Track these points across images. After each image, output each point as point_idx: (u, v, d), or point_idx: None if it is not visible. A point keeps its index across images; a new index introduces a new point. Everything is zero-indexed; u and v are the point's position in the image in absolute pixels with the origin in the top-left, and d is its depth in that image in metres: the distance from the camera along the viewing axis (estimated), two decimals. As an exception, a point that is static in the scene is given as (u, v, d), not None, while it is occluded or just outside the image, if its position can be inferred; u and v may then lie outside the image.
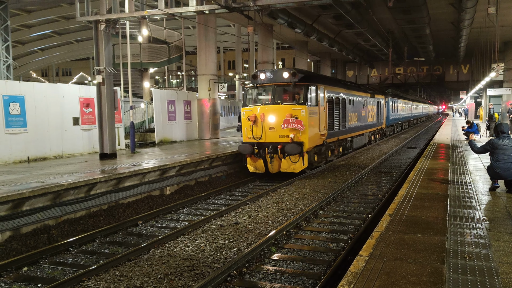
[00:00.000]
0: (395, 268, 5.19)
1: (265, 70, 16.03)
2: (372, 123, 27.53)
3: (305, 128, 15.04)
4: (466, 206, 8.34)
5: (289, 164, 15.38)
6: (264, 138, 15.54)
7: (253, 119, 15.45)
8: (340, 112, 19.32)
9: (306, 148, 15.27)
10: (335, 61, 51.88)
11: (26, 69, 62.26)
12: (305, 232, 9.48)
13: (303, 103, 15.27)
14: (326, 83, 17.89)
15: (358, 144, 23.68)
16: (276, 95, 15.74)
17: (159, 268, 7.31)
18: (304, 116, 15.03)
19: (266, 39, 30.89)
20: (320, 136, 16.56)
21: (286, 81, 15.49)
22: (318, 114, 16.24)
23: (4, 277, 7.31)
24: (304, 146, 15.13)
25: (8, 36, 21.44)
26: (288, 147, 14.79)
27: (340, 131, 19.54)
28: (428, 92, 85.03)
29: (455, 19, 28.91)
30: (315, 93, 16.01)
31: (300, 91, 15.58)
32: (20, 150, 15.07)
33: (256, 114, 15.56)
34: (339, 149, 20.16)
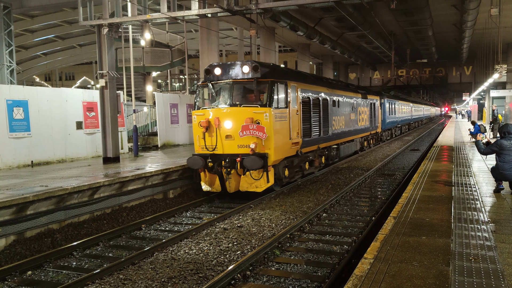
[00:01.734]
0: (400, 270, 5.17)
1: (221, 64, 13.10)
2: (365, 127, 24.62)
3: (270, 136, 12.15)
4: (471, 208, 8.31)
5: (250, 182, 12.52)
6: (219, 149, 12.64)
7: (206, 125, 12.56)
8: (320, 116, 16.44)
9: (271, 161, 12.31)
10: (338, 64, 51.83)
11: (29, 74, 62.47)
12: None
13: (268, 105, 12.26)
14: (300, 80, 14.84)
15: (346, 152, 20.69)
16: (234, 94, 12.71)
17: (163, 272, 7.30)
18: (268, 121, 12.11)
19: (268, 42, 30.93)
20: (291, 145, 13.57)
21: (247, 77, 12.53)
22: (289, 118, 13.27)
23: (8, 281, 7.31)
24: (268, 159, 12.17)
25: (12, 41, 21.54)
26: (247, 161, 11.81)
27: (321, 138, 16.61)
28: (431, 94, 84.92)
29: (457, 21, 28.88)
30: (283, 92, 13.01)
31: (263, 90, 12.67)
32: (24, 154, 15.10)
33: (209, 119, 12.63)
34: (321, 159, 17.16)
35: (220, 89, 13.09)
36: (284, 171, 13.63)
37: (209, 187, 13.18)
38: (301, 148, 14.43)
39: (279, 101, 12.77)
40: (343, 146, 20.00)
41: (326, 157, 17.81)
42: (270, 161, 12.26)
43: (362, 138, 24.66)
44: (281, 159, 13.08)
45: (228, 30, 42.14)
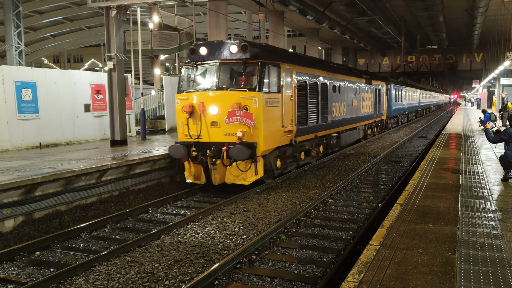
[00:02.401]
0: (406, 257, 5.17)
1: (207, 43, 12.15)
2: (368, 114, 23.43)
3: (259, 124, 11.16)
4: (478, 196, 8.27)
5: (237, 173, 11.55)
6: (204, 137, 11.63)
7: (189, 111, 11.54)
8: (318, 102, 15.36)
9: (260, 151, 11.33)
10: (347, 49, 51.40)
11: (37, 55, 62.56)
12: None
13: (257, 89, 11.19)
14: (295, 62, 13.73)
15: (348, 140, 19.63)
16: (220, 77, 11.60)
17: (169, 255, 7.36)
18: (257, 107, 11.08)
19: (277, 26, 30.66)
20: (284, 134, 12.55)
21: (235, 58, 11.49)
22: (281, 104, 12.21)
23: (17, 261, 7.42)
24: (257, 148, 11.20)
25: (20, 22, 21.52)
26: (233, 150, 10.83)
27: (318, 126, 15.49)
28: (440, 81, 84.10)
29: (469, 7, 28.44)
30: (276, 75, 11.93)
31: (253, 72, 11.48)
32: (32, 136, 15.20)
33: (193, 103, 11.58)
34: (319, 148, 16.13)
35: (206, 70, 11.96)
36: (276, 162, 12.65)
37: (193, 178, 12.25)
38: (295, 136, 13.37)
39: (270, 85, 11.67)
40: (344, 134, 18.91)
41: (325, 146, 16.91)
42: (259, 151, 11.27)
43: (366, 126, 23.54)
44: (272, 149, 12.12)
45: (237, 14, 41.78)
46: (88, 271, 6.77)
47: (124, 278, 6.44)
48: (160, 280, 6.37)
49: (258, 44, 12.60)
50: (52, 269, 7.03)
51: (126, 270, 6.73)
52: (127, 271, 6.70)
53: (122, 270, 6.73)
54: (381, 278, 4.58)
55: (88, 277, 6.55)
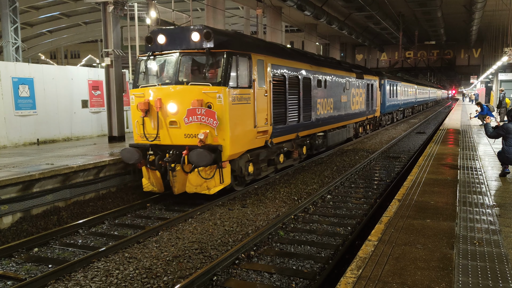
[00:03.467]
0: (404, 253, 5.18)
1: (165, 29, 10.70)
2: (359, 111, 21.98)
3: (224, 124, 9.71)
4: (476, 191, 8.29)
5: (199, 182, 10.03)
6: (162, 139, 10.25)
7: (145, 108, 10.17)
8: (300, 98, 13.98)
9: (227, 155, 9.89)
10: (345, 45, 51.30)
11: (34, 51, 62.31)
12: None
13: (222, 83, 9.75)
14: (271, 53, 12.19)
15: (336, 139, 18.24)
16: (180, 69, 10.23)
17: (168, 251, 7.36)
18: (222, 104, 9.65)
19: (275, 21, 30.58)
20: (257, 135, 11.14)
21: (197, 47, 10.03)
22: (253, 101, 10.77)
23: (15, 258, 7.41)
24: (222, 152, 9.81)
25: (17, 18, 21.40)
26: (193, 155, 9.42)
27: (300, 125, 14.12)
28: (438, 77, 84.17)
29: (467, 2, 28.41)
30: (246, 67, 10.55)
31: (218, 64, 10.08)
32: (30, 132, 15.16)
33: (150, 100, 10.24)
34: (301, 149, 14.79)
35: (164, 62, 10.58)
36: (248, 167, 11.24)
37: (151, 186, 10.78)
38: (271, 137, 11.97)
39: (239, 79, 10.24)
40: (331, 133, 17.59)
41: (308, 147, 15.59)
42: (225, 155, 9.85)
43: (357, 124, 22.27)
44: (241, 152, 10.63)
45: (234, 9, 41.67)
46: (87, 267, 6.77)
47: (123, 274, 6.44)
48: (159, 276, 6.38)
49: (224, 32, 11.22)
50: (50, 265, 7.03)
51: (124, 266, 6.74)
52: (125, 267, 6.70)
53: (121, 266, 6.74)
54: (380, 274, 4.59)
55: (86, 273, 6.55)
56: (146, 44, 10.70)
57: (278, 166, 13.19)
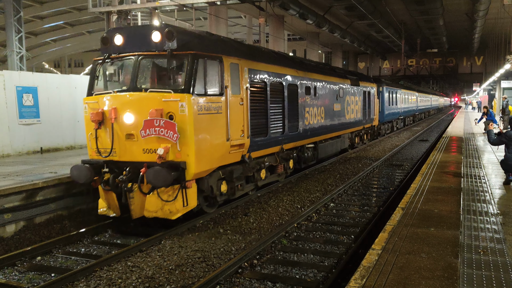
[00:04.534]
0: (408, 262, 5.16)
1: (123, 29, 9.49)
2: (355, 121, 20.60)
3: (188, 137, 8.39)
4: (480, 200, 8.26)
5: (159, 204, 8.60)
6: (118, 154, 8.86)
7: (98, 119, 8.85)
8: (284, 107, 12.64)
9: (192, 174, 8.49)
10: (347, 53, 51.53)
11: (38, 60, 62.74)
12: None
13: (186, 90, 8.45)
14: (248, 56, 10.84)
15: (328, 151, 16.95)
16: (139, 74, 8.91)
17: (171, 259, 7.34)
18: (185, 115, 8.33)
19: (277, 30, 30.74)
20: (230, 149, 9.74)
21: (158, 49, 8.72)
22: (225, 110, 9.43)
23: (18, 266, 7.40)
24: (186, 170, 8.42)
25: (21, 27, 21.59)
26: (150, 174, 8.08)
27: (285, 136, 12.76)
28: (440, 84, 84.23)
29: (469, 10, 28.50)
30: (216, 72, 9.26)
31: (182, 68, 8.79)
32: (34, 141, 15.21)
33: (104, 109, 8.90)
34: (287, 163, 13.29)
35: (122, 66, 9.33)
36: (220, 186, 9.81)
37: (107, 208, 9.32)
38: (249, 151, 10.66)
39: (207, 85, 8.93)
40: (323, 144, 16.29)
41: (296, 160, 14.17)
42: (189, 173, 8.46)
43: (353, 134, 20.86)
44: (211, 169, 9.24)
45: (236, 18, 41.91)
46: (90, 276, 6.75)
47: (126, 283, 6.43)
48: (162, 285, 6.36)
49: (190, 31, 9.88)
50: (53, 274, 7.02)
51: (127, 275, 6.72)
52: (128, 276, 6.68)
53: (124, 275, 6.72)
54: (384, 283, 4.57)
55: (89, 282, 6.53)
56: (102, 46, 9.30)
57: (259, 183, 11.69)
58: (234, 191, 10.32)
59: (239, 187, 10.57)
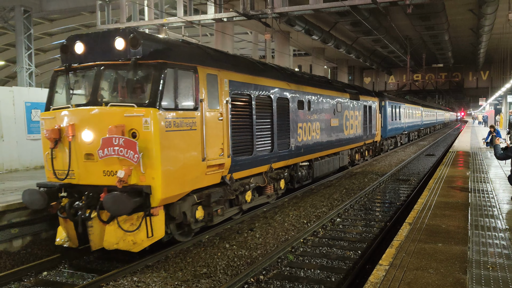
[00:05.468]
0: (416, 278, 5.11)
1: (84, 36, 8.32)
2: (355, 137, 19.62)
3: (153, 157, 7.39)
4: (488, 215, 8.19)
5: (121, 235, 7.59)
6: (77, 176, 7.91)
7: (54, 137, 7.96)
8: (273, 122, 11.67)
9: (158, 199, 7.50)
10: (352, 68, 51.69)
11: (47, 76, 63.41)
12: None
13: (151, 104, 7.50)
14: (228, 67, 9.79)
15: (324, 169, 15.87)
16: (101, 86, 8.06)
17: (176, 275, 7.32)
18: (150, 132, 7.37)
19: (283, 46, 30.96)
20: (207, 170, 8.71)
21: (122, 58, 7.80)
22: (201, 126, 8.44)
23: (25, 281, 7.41)
24: (152, 195, 7.45)
25: (31, 44, 21.93)
26: (108, 200, 7.12)
27: (274, 155, 11.75)
28: (446, 99, 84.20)
29: (474, 25, 28.58)
30: (190, 84, 8.33)
31: (148, 79, 7.83)
32: (41, 156, 15.29)
33: (61, 126, 7.98)
34: (278, 183, 12.39)
35: (83, 77, 8.41)
36: (195, 212, 8.70)
37: (66, 238, 8.25)
38: (231, 172, 9.65)
39: (178, 98, 7.99)
40: (318, 162, 15.28)
41: (288, 180, 13.24)
42: (155, 199, 7.45)
43: (352, 150, 19.95)
44: (183, 194, 8.20)
45: (243, 34, 42.32)
46: (95, 292, 6.74)
47: (132, 299, 6.40)
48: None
49: (159, 38, 8.77)
50: (59, 290, 7.01)
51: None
52: (134, 292, 6.66)
53: None
54: (391, 299, 4.53)
55: (95, 297, 6.51)
56: (62, 55, 8.47)
57: (244, 206, 10.73)
58: (212, 217, 9.13)
59: (219, 212, 9.37)
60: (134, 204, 7.17)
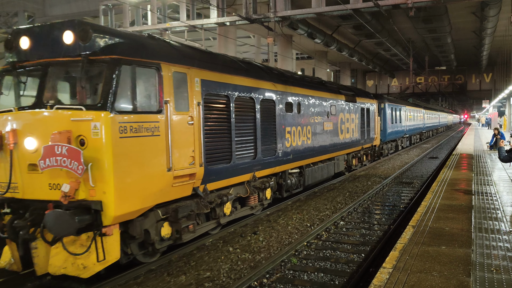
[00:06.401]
0: (420, 281, 5.11)
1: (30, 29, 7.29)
2: (352, 141, 18.52)
3: (105, 168, 6.38)
4: (492, 217, 8.18)
5: (69, 259, 6.60)
6: (21, 190, 6.87)
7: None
8: (257, 126, 10.61)
9: (111, 217, 6.46)
10: (355, 71, 51.78)
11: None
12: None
13: (102, 106, 6.49)
14: (200, 65, 8.66)
15: (317, 176, 14.83)
16: (47, 86, 7.07)
17: (179, 279, 7.33)
18: (100, 138, 6.38)
19: (285, 49, 31.04)
20: (174, 181, 7.61)
21: (71, 53, 6.81)
22: (165, 131, 7.40)
23: (29, 285, 7.41)
24: (104, 213, 6.43)
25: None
26: (49, 219, 6.23)
27: (258, 162, 10.68)
28: (449, 101, 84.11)
29: (477, 28, 28.60)
30: (152, 83, 7.34)
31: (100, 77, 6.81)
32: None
33: (2, 132, 6.98)
34: (264, 193, 11.38)
35: (29, 75, 7.41)
36: (160, 229, 7.69)
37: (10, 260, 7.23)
38: (204, 182, 8.56)
39: (137, 100, 6.99)
40: (310, 169, 14.24)
41: (275, 189, 12.29)
42: (107, 216, 6.41)
43: (349, 155, 18.85)
44: (144, 209, 7.13)
45: (245, 38, 42.45)
46: (100, 295, 6.74)
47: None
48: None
49: (115, 31, 7.65)
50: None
51: None
52: (138, 295, 6.67)
53: None
54: (395, 302, 4.53)
55: (99, 301, 6.52)
56: (6, 51, 7.43)
57: (223, 220, 9.68)
58: (181, 235, 8.06)
59: (190, 228, 8.29)
60: (79, 223, 6.23)
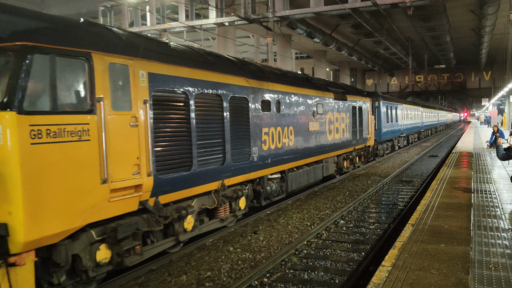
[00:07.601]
0: (419, 278, 5.15)
1: None
2: (343, 141, 17.26)
3: (10, 183, 5.20)
4: (491, 215, 8.21)
5: None
6: None
7: None
8: (225, 128, 9.35)
9: (20, 242, 5.25)
10: (354, 70, 51.73)
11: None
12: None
13: (6, 105, 5.20)
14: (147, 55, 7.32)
15: (302, 181, 13.60)
16: None
17: (180, 279, 7.36)
18: (4, 144, 5.17)
19: (284, 49, 31.06)
20: (111, 195, 6.36)
21: None
22: (98, 134, 6.17)
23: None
24: (11, 238, 5.24)
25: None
26: None
27: (227, 168, 9.43)
28: (449, 100, 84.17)
29: (476, 26, 28.61)
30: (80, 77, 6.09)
31: (6, 68, 5.41)
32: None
33: None
34: (237, 202, 10.15)
35: None
36: (95, 253, 6.41)
37: None
38: (155, 194, 7.34)
39: (58, 97, 5.74)
40: (294, 173, 13.01)
41: (251, 198, 10.99)
42: (15, 242, 5.27)
43: (340, 157, 17.53)
44: (70, 230, 5.88)
45: (244, 38, 42.47)
46: (101, 296, 6.77)
47: None
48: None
49: (28, 12, 6.08)
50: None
51: None
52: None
53: None
54: (394, 300, 4.56)
55: (100, 301, 6.55)
56: None
57: (182, 236, 8.34)
58: (122, 260, 6.64)
59: (137, 249, 6.94)
60: None
